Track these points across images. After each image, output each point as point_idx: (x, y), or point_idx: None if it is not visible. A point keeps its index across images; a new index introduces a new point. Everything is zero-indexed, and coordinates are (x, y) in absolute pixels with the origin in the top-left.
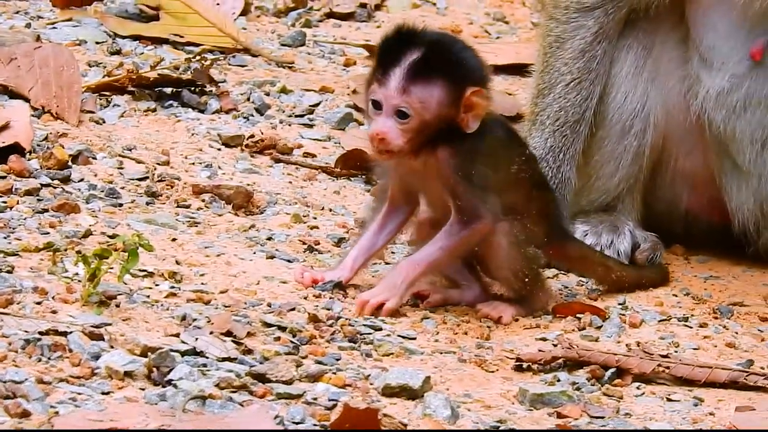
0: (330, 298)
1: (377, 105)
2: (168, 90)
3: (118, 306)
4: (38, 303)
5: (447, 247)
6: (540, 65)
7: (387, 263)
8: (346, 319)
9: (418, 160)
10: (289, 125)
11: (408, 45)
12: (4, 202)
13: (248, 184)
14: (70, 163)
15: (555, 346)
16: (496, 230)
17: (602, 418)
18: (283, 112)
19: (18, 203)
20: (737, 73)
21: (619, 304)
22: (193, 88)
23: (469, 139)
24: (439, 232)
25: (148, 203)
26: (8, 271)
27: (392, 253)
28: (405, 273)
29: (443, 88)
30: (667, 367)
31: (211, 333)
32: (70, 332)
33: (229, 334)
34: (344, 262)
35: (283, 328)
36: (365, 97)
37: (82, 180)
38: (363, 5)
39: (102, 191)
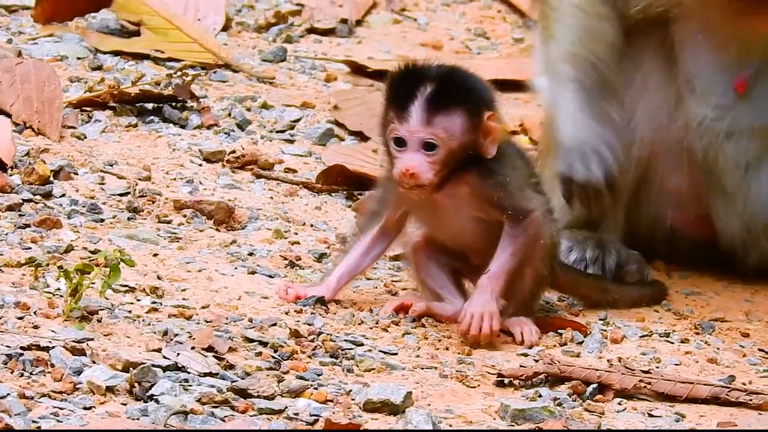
0: (311, 313)
1: (401, 142)
2: (149, 105)
3: (99, 321)
4: (20, 318)
5: (517, 250)
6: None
7: (368, 278)
8: (328, 334)
9: (440, 193)
10: (270, 141)
11: (419, 79)
12: None
13: (229, 200)
14: (51, 179)
15: (536, 361)
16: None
17: None
18: (264, 127)
19: None
20: (721, 104)
21: (601, 319)
22: (174, 104)
23: (488, 162)
24: (502, 241)
25: (129, 219)
26: None
27: (374, 268)
28: (490, 288)
29: (464, 114)
30: (649, 383)
31: (192, 348)
32: (52, 347)
33: (210, 349)
34: (328, 281)
35: (264, 344)
36: (383, 138)
37: (63, 195)
38: (344, 21)
39: (83, 207)
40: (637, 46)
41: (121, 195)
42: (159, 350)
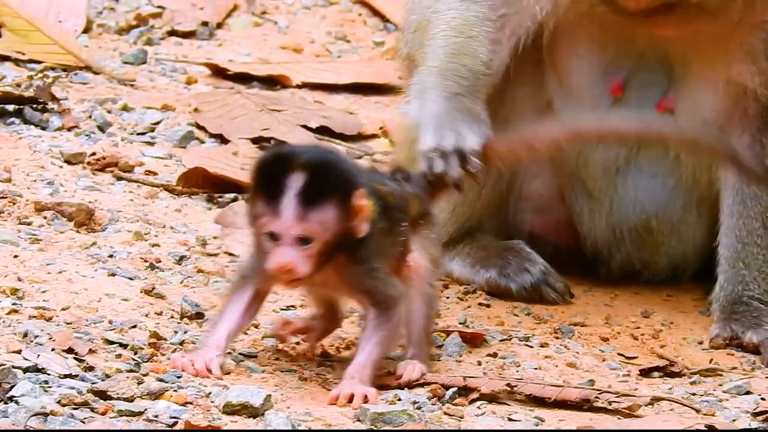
0: (171, 317)
1: (274, 237)
2: (10, 107)
3: None
4: None
5: (383, 339)
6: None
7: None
8: (188, 337)
9: (313, 278)
10: (131, 143)
11: (288, 170)
12: None
13: (90, 202)
14: None
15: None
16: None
17: None
18: (125, 129)
19: None
20: (596, 108)
21: (460, 323)
22: (35, 106)
23: (358, 244)
24: (367, 328)
25: None
26: None
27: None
28: (359, 378)
29: (337, 203)
30: (515, 386)
31: (53, 350)
32: None
33: (70, 351)
34: (217, 341)
35: (124, 345)
36: (253, 229)
37: None
38: (204, 24)
39: None
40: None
41: None
42: (19, 351)
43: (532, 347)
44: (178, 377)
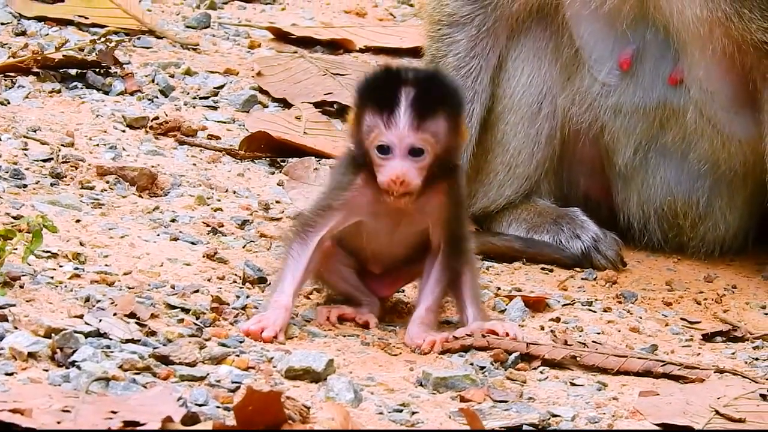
0: (233, 281)
1: (386, 149)
2: (73, 71)
3: (22, 287)
4: None
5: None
6: None
7: None
8: (250, 301)
9: (416, 201)
10: (194, 107)
11: (399, 83)
12: None
13: (152, 166)
14: None
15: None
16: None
17: (505, 402)
18: (188, 94)
19: None
20: (608, 82)
21: (517, 289)
22: (97, 70)
23: (456, 173)
24: (435, 270)
25: (52, 184)
26: None
27: None
28: (429, 321)
29: (446, 117)
30: (578, 356)
31: (114, 314)
32: None
33: (132, 315)
34: (285, 303)
35: (186, 310)
36: (363, 145)
37: None
38: None
39: (6, 172)
40: (543, 28)
41: (44, 161)
42: (81, 316)
43: (594, 312)
44: (241, 342)
